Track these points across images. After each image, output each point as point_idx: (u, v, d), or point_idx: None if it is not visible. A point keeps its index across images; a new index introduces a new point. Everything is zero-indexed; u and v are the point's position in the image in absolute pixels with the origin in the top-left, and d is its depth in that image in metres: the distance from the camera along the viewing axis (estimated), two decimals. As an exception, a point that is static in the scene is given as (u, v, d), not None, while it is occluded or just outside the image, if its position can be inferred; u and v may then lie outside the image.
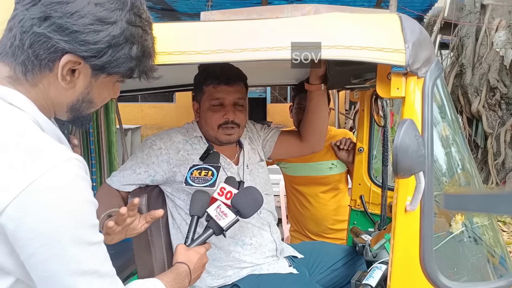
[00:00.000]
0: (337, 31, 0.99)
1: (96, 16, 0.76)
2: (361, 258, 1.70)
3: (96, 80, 0.82)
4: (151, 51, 0.88)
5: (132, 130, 7.82)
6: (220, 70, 1.50)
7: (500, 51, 6.35)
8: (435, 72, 1.04)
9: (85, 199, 0.76)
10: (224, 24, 1.06)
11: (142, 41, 0.83)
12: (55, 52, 0.76)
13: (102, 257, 0.81)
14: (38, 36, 0.75)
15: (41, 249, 0.71)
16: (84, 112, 0.87)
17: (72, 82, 0.80)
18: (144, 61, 0.86)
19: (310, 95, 1.69)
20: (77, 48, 0.75)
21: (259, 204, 1.29)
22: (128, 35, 0.79)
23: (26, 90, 0.79)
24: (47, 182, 0.71)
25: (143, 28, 0.83)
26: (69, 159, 0.75)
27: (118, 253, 2.16)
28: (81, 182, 0.75)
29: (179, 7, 7.00)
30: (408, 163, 0.92)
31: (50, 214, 0.71)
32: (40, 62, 0.77)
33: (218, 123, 1.53)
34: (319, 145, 1.82)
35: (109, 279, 0.82)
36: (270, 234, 1.60)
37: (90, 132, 2.36)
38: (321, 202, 2.40)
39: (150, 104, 13.41)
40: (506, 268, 1.26)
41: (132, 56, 0.81)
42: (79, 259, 0.75)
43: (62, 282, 0.74)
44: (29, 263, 0.73)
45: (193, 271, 1.17)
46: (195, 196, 1.31)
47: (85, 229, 0.76)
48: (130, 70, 0.84)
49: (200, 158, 1.49)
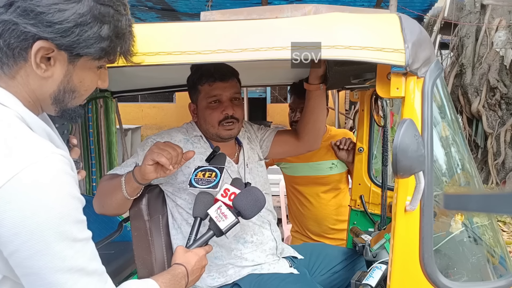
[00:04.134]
0: (337, 31, 0.99)
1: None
2: (361, 260, 1.70)
3: (74, 66, 0.81)
4: (126, 32, 0.86)
5: (132, 130, 7.83)
6: (214, 67, 1.51)
7: (500, 51, 6.35)
8: (435, 72, 1.04)
9: (69, 194, 0.74)
10: (224, 24, 1.06)
11: (114, 22, 0.81)
12: (26, 40, 0.74)
13: (89, 254, 0.79)
14: (6, 24, 0.73)
15: (24, 246, 0.70)
16: (69, 103, 0.85)
17: (49, 70, 0.78)
18: (118, 42, 0.84)
19: (308, 94, 1.70)
20: (43, 30, 0.74)
21: (261, 205, 1.29)
22: (96, 13, 0.77)
23: (6, 84, 0.78)
24: (29, 176, 0.70)
25: (115, 8, 0.81)
26: (52, 153, 0.74)
27: (118, 253, 2.17)
28: (65, 177, 0.74)
29: (179, 7, 7.00)
30: (408, 163, 0.92)
31: (32, 210, 0.70)
32: (13, 51, 0.75)
33: (218, 120, 1.54)
34: (316, 144, 1.83)
35: (97, 277, 0.80)
36: (271, 232, 1.61)
37: (90, 132, 2.36)
38: (322, 202, 2.40)
39: (150, 104, 13.42)
40: (506, 268, 1.26)
41: (103, 36, 0.79)
42: (63, 256, 0.73)
43: (46, 279, 0.73)
44: (13, 260, 0.72)
45: (191, 273, 1.16)
46: (198, 198, 1.32)
47: (69, 225, 0.74)
48: (102, 51, 0.81)
49: (206, 160, 1.50)
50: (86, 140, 2.36)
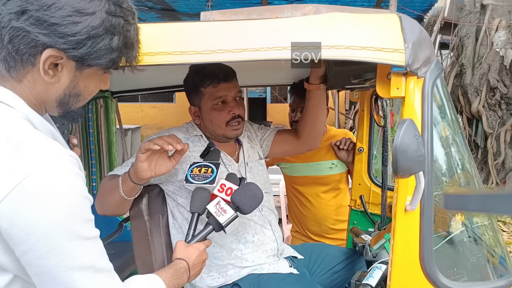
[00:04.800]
0: (337, 31, 0.99)
1: (74, 7, 0.75)
2: (361, 259, 1.70)
3: (81, 73, 0.82)
4: (134, 42, 0.87)
5: (132, 130, 7.83)
6: (217, 69, 1.51)
7: (500, 51, 6.35)
8: (435, 72, 1.04)
9: (79, 194, 0.75)
10: (224, 24, 1.06)
11: (124, 32, 0.82)
12: (36, 47, 0.75)
13: (98, 252, 0.81)
14: (17, 30, 0.74)
15: (36, 246, 0.71)
16: (73, 106, 0.86)
17: (56, 76, 0.79)
18: (126, 52, 0.85)
19: (309, 94, 1.70)
20: (56, 41, 0.74)
21: (259, 200, 1.30)
22: (108, 25, 0.78)
23: (13, 86, 0.79)
24: (40, 178, 0.71)
25: (125, 18, 0.81)
26: (62, 154, 0.75)
27: (118, 253, 2.17)
28: (75, 177, 0.75)
29: (179, 7, 7.00)
30: (408, 163, 0.92)
31: (44, 210, 0.71)
32: (21, 57, 0.76)
33: (226, 120, 1.54)
34: (315, 143, 1.84)
35: (106, 274, 0.82)
36: (272, 233, 1.61)
37: (90, 132, 2.36)
38: (322, 202, 2.40)
39: (150, 104, 13.43)
40: (506, 268, 1.26)
41: (113, 47, 0.80)
42: (74, 254, 0.75)
43: (58, 277, 0.74)
44: (25, 259, 0.73)
45: (192, 267, 1.17)
46: (195, 193, 1.32)
47: (79, 224, 0.75)
48: (112, 62, 0.82)
49: (200, 156, 1.50)
50: (86, 140, 2.36)
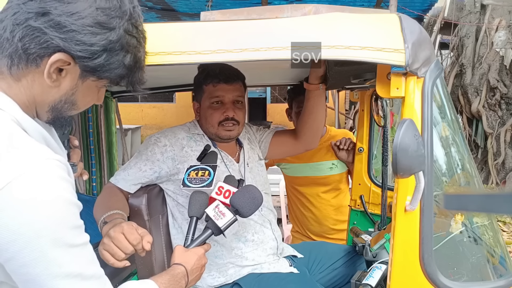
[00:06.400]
0: (337, 31, 0.99)
1: (96, 19, 0.76)
2: (361, 258, 1.70)
3: (83, 82, 0.82)
4: (142, 64, 0.89)
5: (132, 130, 7.84)
6: (219, 69, 1.53)
7: (500, 51, 6.35)
8: (434, 72, 1.04)
9: (65, 200, 0.73)
10: (224, 24, 1.06)
11: (135, 52, 0.84)
12: (47, 48, 0.75)
13: (86, 259, 0.78)
14: (32, 29, 0.74)
15: (20, 253, 0.69)
16: (65, 113, 0.85)
17: (58, 81, 0.79)
18: (134, 72, 0.87)
19: (308, 94, 1.70)
20: (71, 47, 0.75)
21: (258, 203, 1.29)
22: (124, 43, 0.80)
23: (8, 85, 0.78)
24: (23, 184, 0.68)
25: (138, 39, 0.84)
26: (47, 159, 0.73)
27: (118, 253, 2.17)
28: (61, 182, 0.73)
29: (179, 7, 7.00)
30: (408, 163, 0.92)
31: (28, 218, 0.68)
32: (28, 56, 0.76)
33: (218, 120, 1.55)
34: (313, 143, 1.84)
35: (95, 281, 0.79)
36: (272, 232, 1.62)
37: (90, 132, 2.36)
38: (323, 202, 2.40)
39: (150, 104, 13.42)
40: (506, 268, 1.26)
41: (125, 64, 0.82)
42: (60, 262, 0.72)
43: (43, 286, 0.72)
44: (9, 267, 0.71)
45: (191, 272, 1.15)
46: (193, 197, 1.32)
47: (66, 231, 0.73)
48: (120, 77, 0.84)
49: (197, 159, 1.50)
50: (86, 140, 2.36)
